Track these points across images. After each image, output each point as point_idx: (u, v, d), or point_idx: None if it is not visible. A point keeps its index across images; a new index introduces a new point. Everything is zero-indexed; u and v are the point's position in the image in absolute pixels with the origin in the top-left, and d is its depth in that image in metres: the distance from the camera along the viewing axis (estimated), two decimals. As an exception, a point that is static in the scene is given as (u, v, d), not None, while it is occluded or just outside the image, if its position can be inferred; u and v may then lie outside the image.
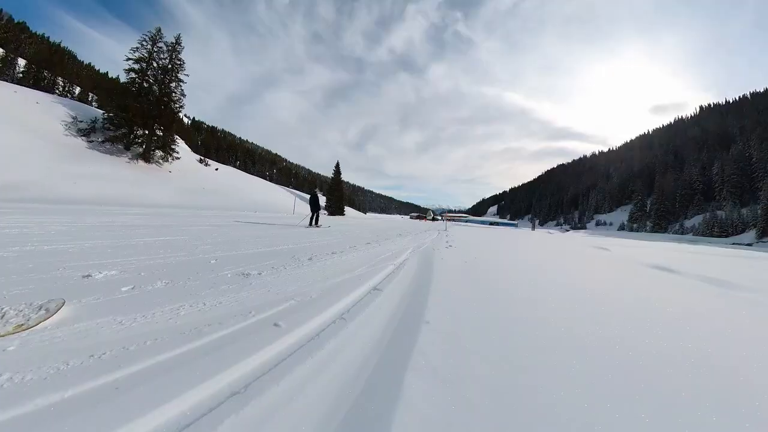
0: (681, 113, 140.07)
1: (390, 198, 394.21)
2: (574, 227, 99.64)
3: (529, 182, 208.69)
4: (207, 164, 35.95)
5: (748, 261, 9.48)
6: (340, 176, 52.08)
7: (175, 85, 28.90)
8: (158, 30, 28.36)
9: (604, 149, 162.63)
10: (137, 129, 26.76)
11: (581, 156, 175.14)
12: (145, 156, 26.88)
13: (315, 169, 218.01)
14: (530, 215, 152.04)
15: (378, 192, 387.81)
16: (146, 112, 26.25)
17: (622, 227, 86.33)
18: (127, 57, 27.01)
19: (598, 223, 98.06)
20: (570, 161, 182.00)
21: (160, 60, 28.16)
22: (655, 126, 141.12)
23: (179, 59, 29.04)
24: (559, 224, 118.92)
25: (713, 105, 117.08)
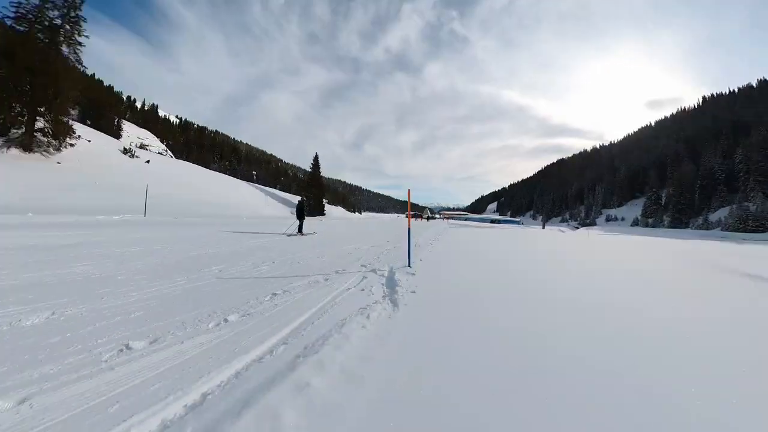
0: (678, 106, 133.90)
1: (388, 197, 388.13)
2: (583, 223, 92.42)
3: (530, 177, 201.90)
4: (134, 155, 28.71)
5: None
6: (319, 171, 44.97)
7: (70, 51, 21.71)
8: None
9: (606, 143, 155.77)
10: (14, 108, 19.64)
11: (582, 150, 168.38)
12: (25, 143, 19.75)
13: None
14: (533, 212, 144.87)
15: (376, 191, 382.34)
16: (12, 87, 19.04)
17: (636, 222, 79.09)
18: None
19: (608, 219, 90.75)
20: (570, 156, 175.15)
21: (47, 17, 20.95)
22: (657, 118, 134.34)
23: (76, 15, 21.84)
24: (565, 220, 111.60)
25: (716, 95, 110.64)
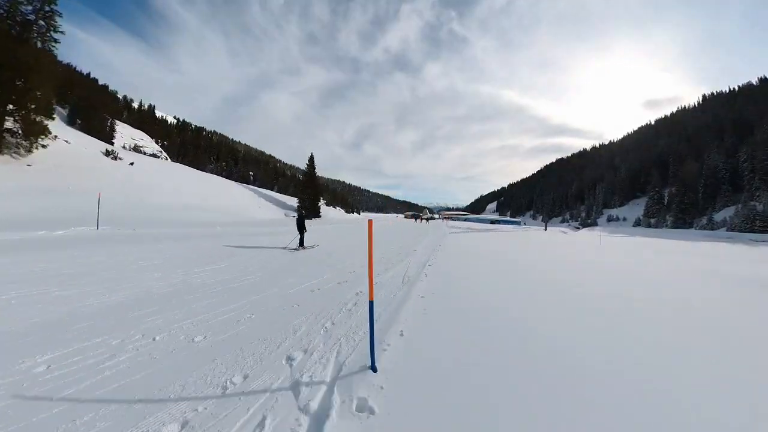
0: (678, 105, 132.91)
1: (388, 197, 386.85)
2: (584, 224, 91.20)
3: (529, 177, 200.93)
4: (116, 157, 27.30)
5: None
6: (315, 170, 43.65)
7: (45, 47, 20.31)
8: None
9: (605, 142, 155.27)
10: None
11: (582, 149, 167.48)
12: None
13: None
14: (533, 211, 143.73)
15: (375, 191, 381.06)
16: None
17: (638, 223, 77.93)
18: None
19: (610, 219, 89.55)
20: (569, 155, 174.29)
21: (19, 12, 19.55)
22: (657, 117, 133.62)
23: (51, 10, 20.46)
24: (565, 220, 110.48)
25: (716, 93, 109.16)
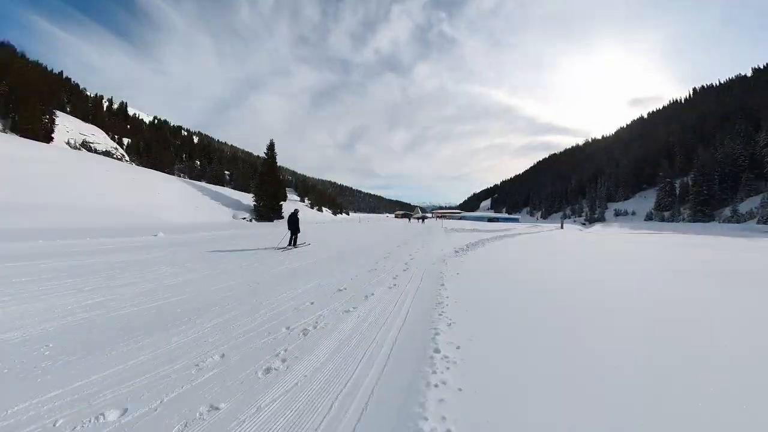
0: (661, 103, 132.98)
1: (380, 197, 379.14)
2: (590, 219, 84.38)
3: (524, 173, 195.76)
4: None
5: None
6: (275, 161, 34.99)
7: None
8: None
9: (591, 139, 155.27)
10: None
11: (575, 144, 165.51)
12: None
13: (301, 171, 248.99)
14: (530, 208, 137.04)
15: (367, 192, 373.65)
16: None
17: (650, 217, 71.24)
18: None
19: (617, 213, 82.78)
20: (561, 151, 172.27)
21: None
22: (649, 110, 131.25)
23: None
24: (566, 216, 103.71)
25: (706, 86, 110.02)
